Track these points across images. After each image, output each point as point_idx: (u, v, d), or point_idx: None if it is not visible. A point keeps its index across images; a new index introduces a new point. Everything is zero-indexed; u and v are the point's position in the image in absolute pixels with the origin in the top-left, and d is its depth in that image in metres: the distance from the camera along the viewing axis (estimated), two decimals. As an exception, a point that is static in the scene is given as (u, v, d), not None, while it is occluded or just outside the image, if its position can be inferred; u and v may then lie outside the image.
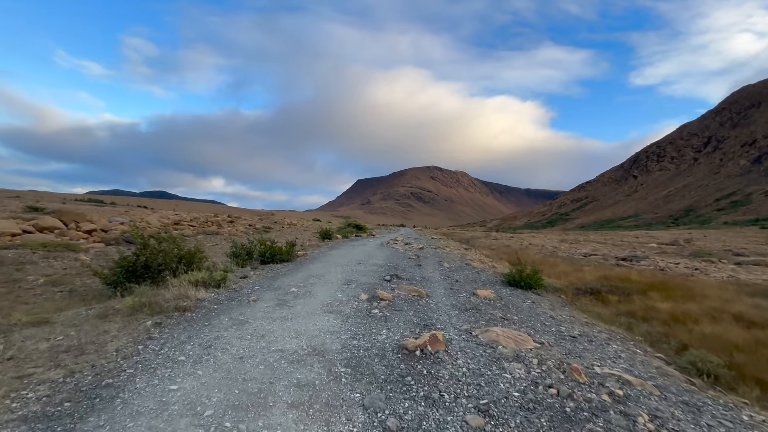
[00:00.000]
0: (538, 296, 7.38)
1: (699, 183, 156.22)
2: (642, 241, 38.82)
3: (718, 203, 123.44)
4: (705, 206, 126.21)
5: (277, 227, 28.42)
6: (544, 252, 20.85)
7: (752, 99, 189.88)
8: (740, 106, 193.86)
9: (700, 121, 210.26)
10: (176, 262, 6.94)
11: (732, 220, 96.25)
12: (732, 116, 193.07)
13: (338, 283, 6.67)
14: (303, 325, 4.06)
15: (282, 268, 8.31)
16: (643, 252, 24.13)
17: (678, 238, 41.75)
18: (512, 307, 5.90)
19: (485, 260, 13.29)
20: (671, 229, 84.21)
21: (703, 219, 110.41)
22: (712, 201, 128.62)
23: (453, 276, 8.48)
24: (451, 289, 6.87)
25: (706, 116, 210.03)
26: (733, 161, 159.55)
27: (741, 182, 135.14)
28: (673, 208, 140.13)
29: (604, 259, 16.87)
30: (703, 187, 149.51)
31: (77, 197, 76.77)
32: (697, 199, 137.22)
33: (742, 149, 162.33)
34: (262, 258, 8.90)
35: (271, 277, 7.08)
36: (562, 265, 14.44)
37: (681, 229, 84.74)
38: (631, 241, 38.80)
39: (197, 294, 5.01)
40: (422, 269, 9.20)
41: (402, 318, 4.62)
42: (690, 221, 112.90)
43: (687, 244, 35.66)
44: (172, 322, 3.91)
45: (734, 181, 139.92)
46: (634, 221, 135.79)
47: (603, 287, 9.91)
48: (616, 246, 32.98)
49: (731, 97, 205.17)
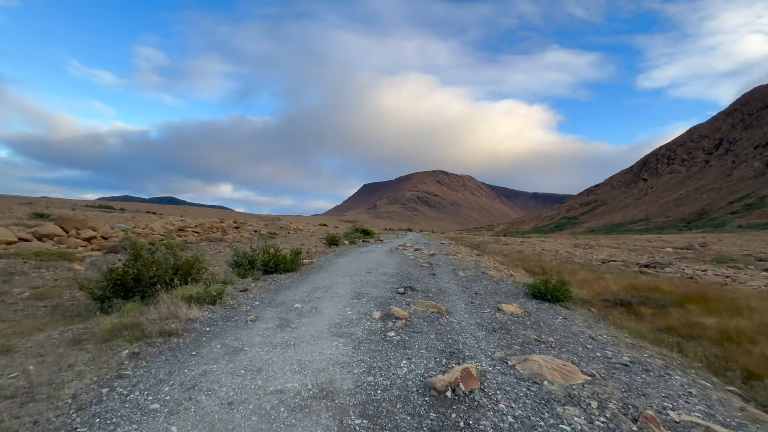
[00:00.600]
0: (568, 310, 6.67)
1: (711, 186, 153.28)
2: (656, 246, 37.66)
3: (732, 206, 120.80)
4: (718, 209, 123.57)
5: (283, 233, 27.92)
6: (560, 258, 20.01)
7: (765, 100, 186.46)
8: (752, 107, 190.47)
9: (711, 123, 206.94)
10: (172, 274, 6.37)
11: (746, 223, 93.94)
12: (744, 117, 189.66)
13: (347, 297, 6.03)
14: (308, 354, 3.43)
15: (286, 279, 7.70)
16: (662, 257, 23.15)
17: (693, 242, 40.51)
18: (544, 325, 5.21)
19: (501, 268, 12.57)
20: (684, 233, 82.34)
21: (716, 222, 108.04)
22: (725, 204, 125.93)
23: (471, 287, 7.80)
24: (472, 303, 6.19)
25: (717, 118, 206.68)
26: (746, 163, 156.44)
27: (755, 185, 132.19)
28: (685, 211, 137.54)
29: (625, 265, 16.01)
30: (716, 189, 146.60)
31: (88, 203, 77.27)
32: (710, 202, 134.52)
33: (755, 151, 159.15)
34: (265, 268, 8.30)
35: (274, 290, 6.47)
36: (581, 273, 13.64)
37: (694, 232, 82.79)
38: (645, 246, 37.68)
39: (189, 313, 4.40)
40: (437, 279, 8.52)
41: (423, 343, 3.96)
42: (703, 225, 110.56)
43: (702, 249, 34.50)
44: (153, 351, 3.29)
45: (748, 184, 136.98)
46: (644, 225, 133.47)
47: (633, 298, 9.15)
48: (631, 251, 31.95)
49: (743, 98, 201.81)
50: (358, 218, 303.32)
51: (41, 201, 64.74)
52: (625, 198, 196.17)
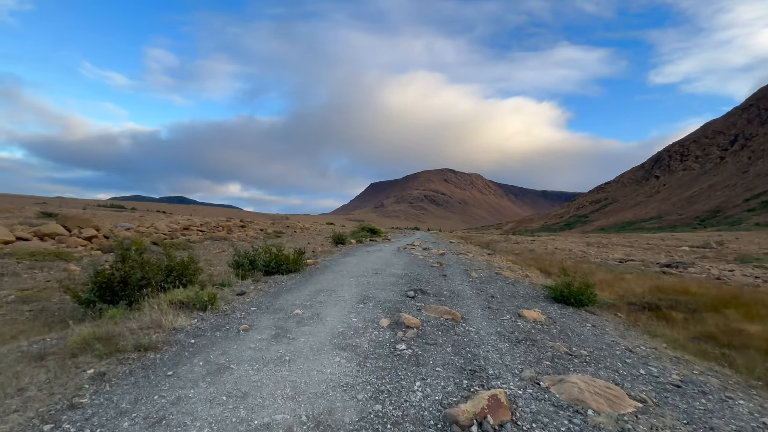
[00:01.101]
0: (594, 316, 6.08)
1: (726, 183, 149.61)
2: (670, 244, 36.57)
3: (748, 204, 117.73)
4: (734, 207, 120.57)
5: (289, 231, 27.55)
6: (574, 257, 19.27)
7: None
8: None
9: (726, 118, 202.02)
10: (164, 276, 5.94)
11: (764, 221, 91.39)
12: (760, 112, 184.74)
13: (352, 302, 5.52)
14: (304, 373, 2.92)
15: (288, 281, 7.21)
16: (680, 256, 22.25)
17: (709, 241, 39.32)
18: (573, 334, 4.64)
19: (514, 268, 11.95)
20: (698, 231, 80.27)
21: (732, 220, 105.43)
22: (741, 201, 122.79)
23: (486, 289, 7.24)
24: (489, 309, 5.63)
25: (733, 113, 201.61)
26: (762, 159, 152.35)
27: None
28: (699, 209, 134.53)
29: (644, 265, 15.25)
30: (731, 186, 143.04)
31: (100, 203, 78.10)
32: (725, 200, 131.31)
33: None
34: (266, 268, 7.83)
35: (273, 294, 5.98)
36: (599, 273, 12.95)
37: (709, 231, 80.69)
38: (659, 244, 36.63)
39: (175, 321, 3.93)
40: (448, 281, 7.97)
41: (439, 357, 3.42)
42: (718, 223, 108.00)
43: (720, 247, 33.39)
44: (123, 371, 2.82)
45: (764, 180, 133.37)
46: (657, 223, 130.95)
47: (661, 301, 8.50)
48: (647, 250, 31.00)
49: (759, 93, 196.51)
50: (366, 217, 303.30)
51: (55, 201, 65.64)
52: (637, 196, 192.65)
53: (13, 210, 28.95)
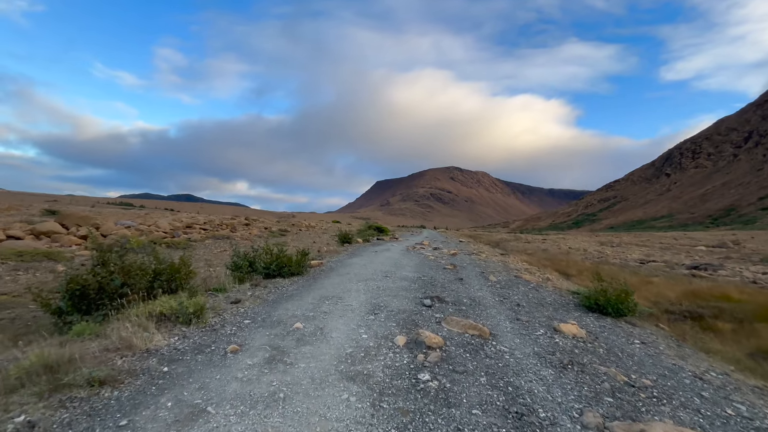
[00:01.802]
0: (635, 328, 5.32)
1: (740, 181, 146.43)
2: (685, 244, 35.45)
3: (763, 202, 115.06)
4: (747, 205, 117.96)
5: (294, 230, 26.98)
6: (590, 258, 18.38)
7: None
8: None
9: (740, 115, 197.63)
10: (151, 281, 5.30)
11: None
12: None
13: (361, 312, 4.82)
14: (303, 421, 2.23)
15: (289, 286, 6.54)
16: (700, 257, 21.24)
17: (725, 240, 38.15)
18: (623, 355, 3.89)
19: (532, 270, 11.17)
20: (711, 230, 78.43)
21: (746, 219, 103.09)
22: (755, 200, 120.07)
23: (509, 296, 6.50)
24: (518, 321, 4.90)
25: (746, 110, 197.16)
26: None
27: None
28: (712, 207, 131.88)
29: (668, 267, 14.34)
30: (745, 185, 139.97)
31: (109, 201, 78.45)
32: (738, 198, 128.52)
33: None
34: (267, 271, 7.17)
35: (273, 302, 5.30)
36: (623, 276, 12.10)
37: (722, 229, 78.77)
38: (672, 244, 35.53)
39: (150, 340, 3.26)
40: (466, 285, 7.24)
41: (473, 393, 2.71)
42: (731, 221, 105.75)
43: (736, 246, 32.29)
44: (61, 419, 2.14)
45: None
46: (667, 222, 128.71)
47: (702, 309, 7.69)
48: (664, 249, 29.97)
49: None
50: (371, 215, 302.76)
51: (65, 199, 66.03)
52: (647, 194, 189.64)
53: (20, 207, 28.75)
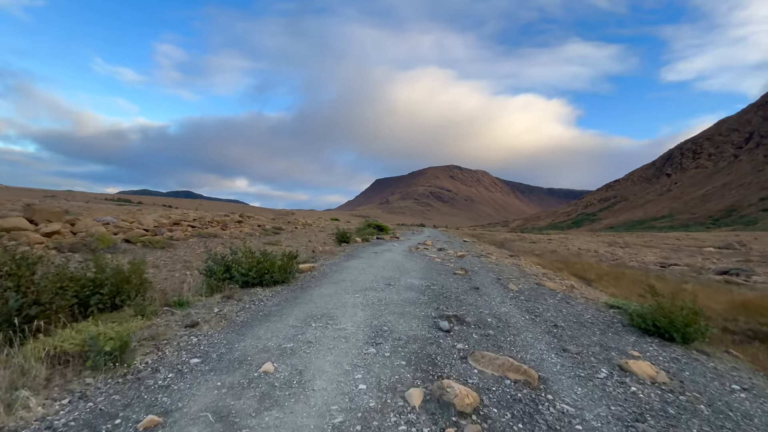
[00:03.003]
0: (710, 358, 4.10)
1: (741, 181, 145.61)
2: (689, 244, 34.48)
3: (764, 203, 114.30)
4: (749, 206, 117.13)
5: (290, 228, 25.69)
6: (604, 259, 17.19)
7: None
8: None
9: (741, 116, 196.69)
10: (88, 295, 4.07)
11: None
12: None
13: (359, 340, 3.60)
14: None
15: (270, 298, 5.30)
16: (718, 259, 20.11)
17: (731, 241, 37.33)
18: (738, 416, 2.68)
19: (550, 274, 9.96)
20: (712, 231, 77.40)
21: (747, 220, 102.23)
22: (756, 200, 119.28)
23: (538, 311, 5.28)
24: (566, 352, 3.68)
25: (747, 110, 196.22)
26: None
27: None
28: (713, 208, 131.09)
29: (695, 271, 13.15)
30: (746, 185, 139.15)
31: (107, 197, 76.92)
32: (739, 199, 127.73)
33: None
34: (245, 279, 5.92)
35: (242, 324, 4.06)
36: (649, 283, 10.93)
37: (723, 230, 77.74)
38: (679, 245, 34.55)
39: (14, 411, 2.02)
40: (485, 297, 6.02)
41: None
42: (732, 222, 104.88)
43: (742, 248, 31.49)
44: None
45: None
46: (668, 222, 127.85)
47: (765, 327, 6.49)
48: (674, 251, 28.91)
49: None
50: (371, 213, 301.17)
51: (63, 194, 64.66)
52: (647, 194, 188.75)
53: (3, 202, 27.43)
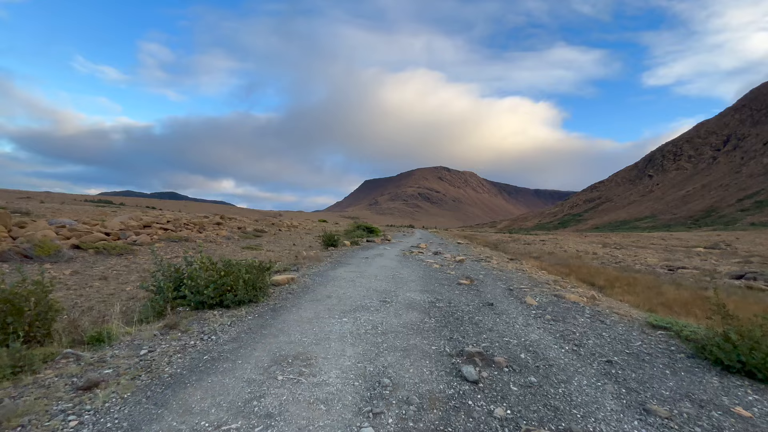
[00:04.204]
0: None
1: (719, 182, 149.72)
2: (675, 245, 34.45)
3: (742, 203, 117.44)
4: (727, 206, 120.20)
5: (273, 230, 24.16)
6: (607, 262, 16.29)
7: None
8: (761, 102, 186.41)
9: (719, 119, 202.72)
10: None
11: (759, 221, 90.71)
12: (753, 113, 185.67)
13: (346, 408, 2.35)
14: None
15: (228, 328, 3.98)
16: (716, 260, 19.55)
17: (718, 242, 37.60)
18: None
19: (561, 281, 8.86)
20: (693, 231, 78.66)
21: (726, 220, 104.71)
22: (734, 201, 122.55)
23: (577, 338, 4.11)
24: (650, 415, 2.51)
25: (725, 114, 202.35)
26: (755, 160, 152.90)
27: (765, 181, 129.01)
28: (693, 208, 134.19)
29: (708, 276, 12.30)
30: (724, 186, 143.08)
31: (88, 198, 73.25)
32: (718, 200, 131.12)
33: (765, 147, 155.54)
34: (200, 299, 4.58)
35: (168, 383, 2.73)
36: (668, 290, 9.95)
37: (705, 230, 79.11)
38: (665, 245, 34.46)
39: None
40: (502, 315, 4.83)
41: None
42: (712, 222, 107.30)
43: (727, 248, 31.59)
44: None
45: (757, 181, 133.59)
46: (651, 222, 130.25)
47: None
48: (665, 251, 28.57)
49: (751, 94, 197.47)
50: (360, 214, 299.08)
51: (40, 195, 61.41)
52: (630, 195, 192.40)
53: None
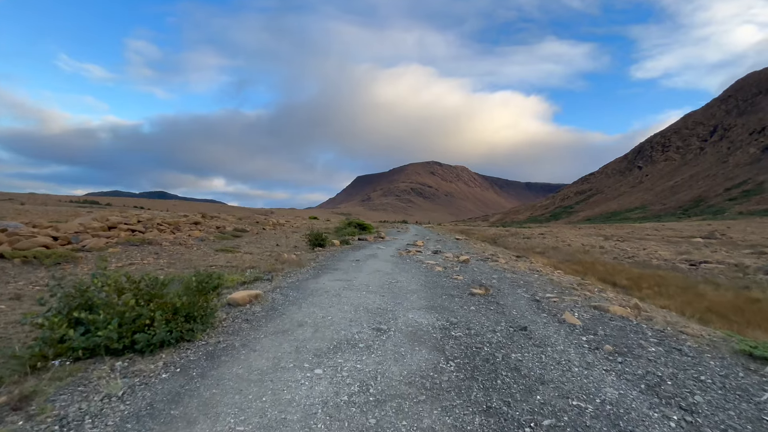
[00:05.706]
0: None
1: (707, 173, 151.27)
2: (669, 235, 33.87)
3: (729, 193, 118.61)
4: (715, 196, 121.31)
5: (257, 229, 22.41)
6: (618, 257, 15.04)
7: (759, 86, 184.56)
8: (747, 93, 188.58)
9: (705, 110, 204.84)
10: None
11: (746, 210, 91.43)
12: (738, 104, 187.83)
13: None
14: None
15: (115, 405, 2.43)
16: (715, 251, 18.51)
17: (710, 231, 37.33)
18: None
19: (588, 285, 7.44)
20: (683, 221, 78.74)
21: (715, 209, 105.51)
22: (722, 191, 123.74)
23: (670, 390, 2.65)
24: None
25: (712, 104, 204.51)
26: (741, 150, 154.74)
27: (751, 171, 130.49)
28: (682, 198, 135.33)
29: (739, 271, 11.06)
30: (712, 176, 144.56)
31: (73, 199, 70.05)
32: (706, 189, 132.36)
33: (751, 137, 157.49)
34: (93, 342, 2.99)
35: None
36: (702, 290, 8.66)
37: (694, 220, 79.30)
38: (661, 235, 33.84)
39: None
40: (546, 349, 3.36)
41: None
42: (701, 212, 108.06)
43: (723, 237, 31.24)
44: None
45: (744, 170, 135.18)
46: (641, 213, 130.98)
47: None
48: (670, 243, 27.61)
49: (737, 85, 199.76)
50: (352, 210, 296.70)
51: (24, 197, 58.72)
52: (620, 186, 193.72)
53: None
